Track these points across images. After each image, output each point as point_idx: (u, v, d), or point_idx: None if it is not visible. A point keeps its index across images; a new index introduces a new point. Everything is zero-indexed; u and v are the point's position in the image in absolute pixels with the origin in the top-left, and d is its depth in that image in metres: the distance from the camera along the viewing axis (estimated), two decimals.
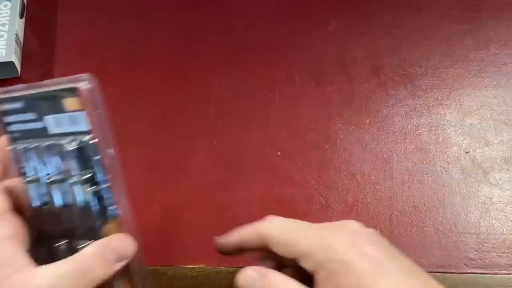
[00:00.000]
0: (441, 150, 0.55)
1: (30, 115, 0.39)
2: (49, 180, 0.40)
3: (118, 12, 0.65)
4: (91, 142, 0.39)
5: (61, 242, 0.40)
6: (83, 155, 0.39)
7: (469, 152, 0.55)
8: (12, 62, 0.59)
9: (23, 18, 0.64)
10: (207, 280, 0.48)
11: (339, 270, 0.33)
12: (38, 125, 0.39)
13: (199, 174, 0.54)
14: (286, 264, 0.38)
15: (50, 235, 0.41)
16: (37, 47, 0.63)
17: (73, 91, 0.37)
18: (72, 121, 0.39)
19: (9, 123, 0.40)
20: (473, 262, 0.49)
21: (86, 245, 0.38)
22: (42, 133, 0.40)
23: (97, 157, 0.39)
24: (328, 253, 0.34)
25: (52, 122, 0.39)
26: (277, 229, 0.37)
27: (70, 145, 0.39)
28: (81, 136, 0.39)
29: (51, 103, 0.38)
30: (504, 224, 0.51)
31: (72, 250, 0.38)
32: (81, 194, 0.39)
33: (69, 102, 0.38)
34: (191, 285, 0.48)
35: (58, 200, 0.40)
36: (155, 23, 0.64)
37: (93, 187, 0.39)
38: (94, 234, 0.39)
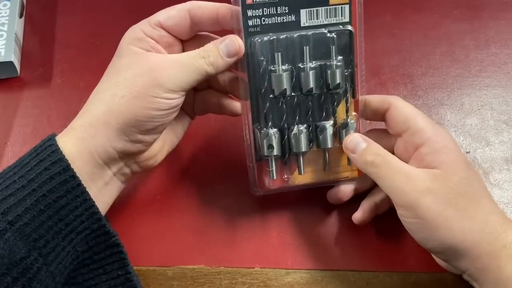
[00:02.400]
0: None
1: (282, 9, 0.44)
2: (306, 67, 0.45)
3: (118, 11, 0.65)
4: (351, 30, 0.45)
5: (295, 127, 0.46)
6: (341, 43, 0.45)
7: (469, 152, 0.55)
8: (12, 62, 0.59)
9: (23, 18, 0.64)
10: (207, 280, 0.48)
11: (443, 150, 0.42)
12: (290, 18, 0.44)
13: (199, 173, 0.54)
14: None
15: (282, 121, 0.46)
16: (36, 46, 0.63)
17: None
18: (332, 14, 0.44)
19: (254, 17, 0.44)
20: None
21: (324, 126, 0.46)
22: (295, 25, 0.44)
23: (353, 45, 0.45)
24: (439, 136, 0.43)
25: (305, 15, 0.44)
26: (403, 102, 0.46)
27: (332, 34, 0.45)
28: (341, 25, 0.45)
29: None
30: None
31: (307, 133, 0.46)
32: (337, 77, 0.45)
33: None
34: (191, 285, 0.48)
35: (306, 86, 0.45)
36: None
37: (347, 70, 0.46)
38: (329, 114, 0.46)
